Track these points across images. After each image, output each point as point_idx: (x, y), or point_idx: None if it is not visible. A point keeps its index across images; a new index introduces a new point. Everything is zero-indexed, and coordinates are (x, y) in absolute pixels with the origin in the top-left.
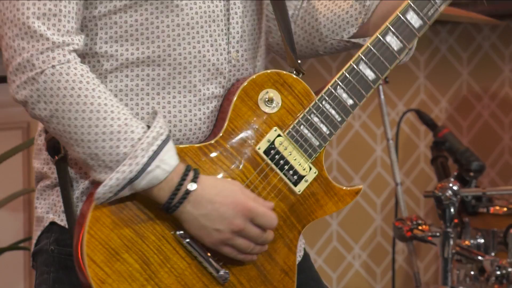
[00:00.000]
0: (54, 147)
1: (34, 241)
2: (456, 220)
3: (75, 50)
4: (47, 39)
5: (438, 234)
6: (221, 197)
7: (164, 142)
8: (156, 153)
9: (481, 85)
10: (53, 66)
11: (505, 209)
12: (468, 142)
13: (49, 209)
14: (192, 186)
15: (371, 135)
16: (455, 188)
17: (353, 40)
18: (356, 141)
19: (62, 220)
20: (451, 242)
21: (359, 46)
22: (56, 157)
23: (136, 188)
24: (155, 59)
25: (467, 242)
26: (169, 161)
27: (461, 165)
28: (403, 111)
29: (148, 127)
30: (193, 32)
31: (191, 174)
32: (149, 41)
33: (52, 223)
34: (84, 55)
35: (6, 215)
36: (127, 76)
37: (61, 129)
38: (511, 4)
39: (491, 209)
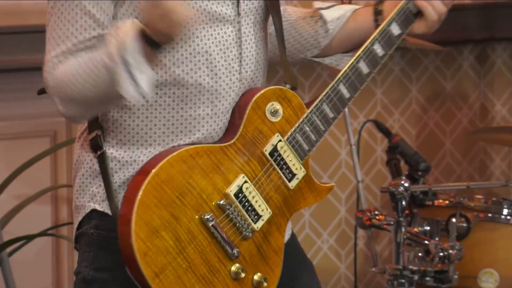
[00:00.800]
0: (97, 145)
1: (75, 226)
2: (406, 211)
3: None
4: (71, 42)
5: (392, 222)
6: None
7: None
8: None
9: (427, 100)
10: (60, 62)
11: (447, 202)
12: (417, 147)
13: (90, 198)
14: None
15: (337, 141)
16: (406, 185)
17: (315, 59)
18: (325, 146)
19: (102, 208)
20: (403, 229)
21: (319, 63)
22: (98, 152)
23: (133, 63)
24: (180, 81)
25: (415, 229)
26: (124, 29)
27: (411, 166)
28: (363, 121)
29: None
30: (211, 58)
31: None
32: (175, 66)
33: (93, 211)
34: None
35: (36, 207)
36: (156, 93)
37: (73, 87)
38: (451, 33)
39: (436, 202)
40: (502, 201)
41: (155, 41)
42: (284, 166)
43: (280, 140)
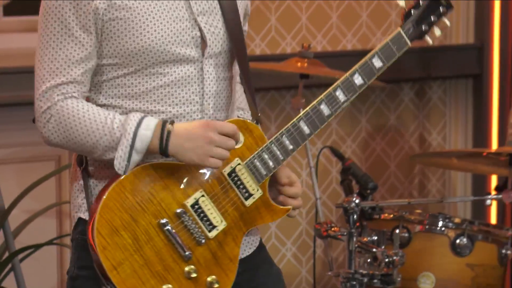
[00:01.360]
0: (80, 160)
1: (71, 236)
2: (357, 224)
3: (83, 90)
4: (61, 76)
5: (345, 233)
6: (192, 125)
7: (142, 117)
8: (139, 123)
9: (374, 129)
10: (60, 100)
11: (391, 215)
12: (366, 169)
13: (77, 209)
14: (170, 127)
15: (298, 164)
16: (357, 201)
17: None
18: (288, 167)
19: (85, 216)
20: (354, 239)
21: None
22: (80, 168)
23: (139, 150)
24: (145, 110)
25: (365, 239)
26: (150, 123)
27: (361, 185)
28: (321, 147)
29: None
30: (173, 91)
31: (168, 121)
32: (141, 97)
33: (79, 219)
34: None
35: (43, 220)
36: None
37: (73, 143)
38: (394, 72)
39: (382, 216)
40: (438, 215)
41: (167, 154)
42: (241, 186)
43: (239, 164)
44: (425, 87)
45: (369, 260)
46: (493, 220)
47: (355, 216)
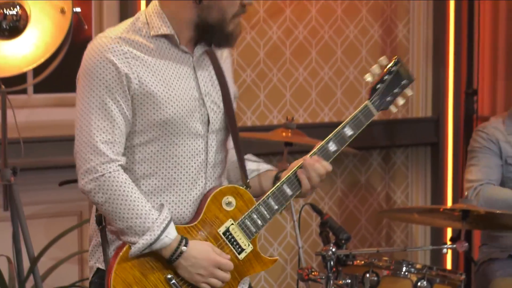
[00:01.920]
0: (99, 221)
1: (89, 280)
2: (334, 269)
3: (121, 165)
4: (107, 156)
5: (323, 277)
6: (201, 254)
7: (169, 222)
8: (165, 229)
9: (348, 189)
10: (109, 173)
11: (362, 262)
12: (341, 223)
13: (96, 260)
14: (184, 249)
15: (284, 218)
16: (333, 250)
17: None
18: (275, 222)
19: (103, 267)
20: (331, 282)
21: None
22: (100, 227)
23: (152, 249)
24: (161, 175)
25: (340, 282)
26: (172, 233)
27: (336, 236)
28: (303, 204)
29: (160, 212)
30: (184, 160)
31: (183, 241)
32: (158, 163)
33: (98, 269)
34: (125, 168)
35: (67, 266)
36: (144, 184)
37: (110, 210)
38: (364, 141)
39: (355, 262)
40: (402, 262)
41: (172, 264)
42: (234, 242)
43: (232, 224)
44: (391, 153)
45: None
46: (449, 266)
47: (332, 263)
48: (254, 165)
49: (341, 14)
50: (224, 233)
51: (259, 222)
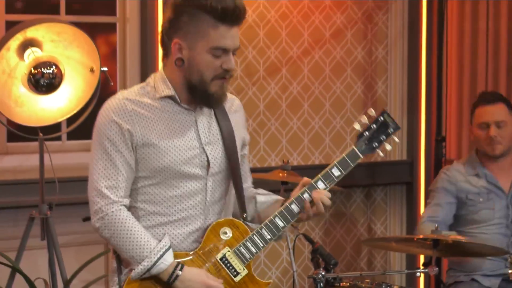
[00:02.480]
0: (114, 250)
1: None
2: None
3: (124, 205)
4: (110, 198)
5: None
6: (195, 277)
7: (166, 250)
8: (161, 256)
9: (335, 221)
10: (112, 212)
11: (348, 284)
12: (329, 250)
13: (112, 283)
14: (179, 273)
15: (280, 246)
16: (323, 273)
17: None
18: (273, 249)
19: None
20: None
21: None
22: (115, 255)
23: (151, 273)
24: (163, 212)
25: None
26: (168, 260)
27: (326, 262)
28: (297, 234)
29: (160, 241)
30: (184, 200)
31: (179, 266)
32: (160, 203)
33: None
34: (130, 207)
35: (95, 287)
36: (149, 219)
37: (115, 243)
38: (348, 180)
39: (341, 284)
40: (381, 284)
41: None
42: (230, 267)
43: (228, 251)
44: (372, 191)
45: None
46: (422, 287)
47: (321, 284)
48: (263, 198)
49: (329, 73)
50: (221, 259)
51: (253, 249)
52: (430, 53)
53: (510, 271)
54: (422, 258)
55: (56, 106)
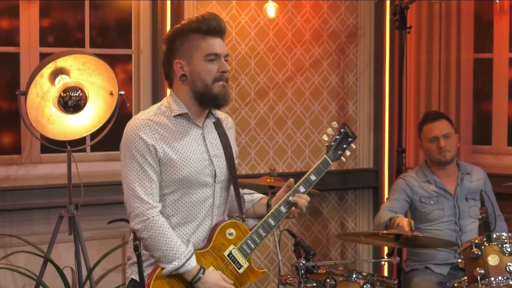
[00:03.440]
0: (136, 248)
1: None
2: (304, 276)
3: (160, 210)
4: (150, 203)
5: (296, 282)
6: (213, 280)
7: (192, 255)
8: (188, 259)
9: (314, 219)
10: (153, 217)
11: (324, 271)
12: (309, 242)
13: (131, 273)
14: (201, 276)
15: (269, 240)
16: (303, 262)
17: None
18: (264, 243)
19: (136, 277)
20: (302, 285)
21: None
22: (136, 253)
23: (178, 272)
24: (181, 214)
25: (308, 285)
26: (193, 263)
27: (306, 252)
28: (282, 229)
29: (186, 246)
30: (197, 205)
31: (202, 270)
32: (178, 208)
33: (132, 279)
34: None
35: (113, 274)
36: (171, 219)
37: (151, 243)
38: (324, 184)
39: (319, 271)
40: (352, 271)
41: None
42: (235, 261)
43: (233, 248)
44: (344, 193)
45: None
46: (386, 273)
47: (302, 271)
48: (249, 197)
49: (309, 96)
50: (228, 255)
51: (252, 245)
52: (393, 80)
53: (459, 260)
54: (386, 249)
55: (81, 124)
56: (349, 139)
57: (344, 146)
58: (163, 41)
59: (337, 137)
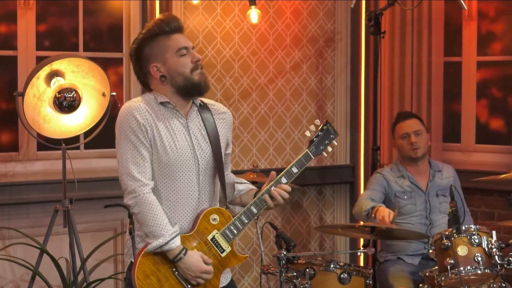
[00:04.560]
0: (130, 232)
1: (124, 276)
2: (285, 266)
3: (151, 187)
4: (141, 181)
5: (278, 271)
6: (193, 262)
7: (177, 235)
8: (173, 238)
9: (294, 212)
10: (144, 194)
11: (304, 261)
12: (290, 235)
13: (129, 257)
14: (182, 256)
15: (251, 231)
16: (284, 253)
17: (229, 204)
18: (246, 233)
19: (132, 260)
20: (283, 274)
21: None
22: (131, 236)
23: (163, 249)
24: (169, 197)
25: (289, 274)
26: (177, 242)
27: (287, 244)
28: (264, 222)
29: (173, 226)
30: (184, 190)
31: (184, 251)
32: (165, 189)
33: (131, 262)
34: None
35: (105, 265)
36: (161, 199)
37: (140, 219)
38: (304, 180)
39: (299, 261)
40: (330, 261)
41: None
42: (218, 245)
43: (216, 233)
44: (322, 188)
45: (291, 287)
46: (362, 263)
47: (283, 261)
48: (241, 186)
49: (289, 97)
50: (211, 240)
51: (235, 231)
52: (368, 81)
53: (430, 251)
54: (362, 241)
55: (75, 123)
56: (331, 136)
57: (326, 142)
58: (130, 56)
59: (319, 133)
